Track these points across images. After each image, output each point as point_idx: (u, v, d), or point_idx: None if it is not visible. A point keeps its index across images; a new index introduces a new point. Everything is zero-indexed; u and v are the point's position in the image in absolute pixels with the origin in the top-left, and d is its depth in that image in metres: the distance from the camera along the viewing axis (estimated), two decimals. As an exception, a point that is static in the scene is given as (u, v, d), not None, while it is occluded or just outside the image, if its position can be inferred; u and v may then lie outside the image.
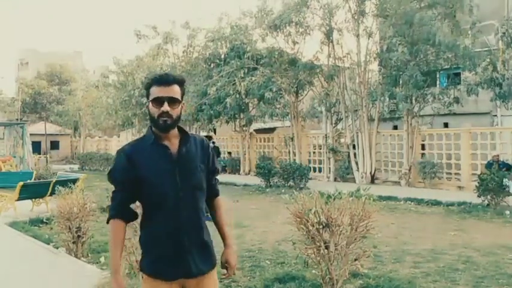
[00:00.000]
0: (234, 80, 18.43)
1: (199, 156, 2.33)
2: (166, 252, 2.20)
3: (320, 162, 19.76)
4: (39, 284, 5.27)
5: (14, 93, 46.54)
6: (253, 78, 17.87)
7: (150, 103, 2.24)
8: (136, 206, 2.37)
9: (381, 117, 17.64)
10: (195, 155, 2.31)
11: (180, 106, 2.27)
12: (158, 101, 2.21)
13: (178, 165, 2.22)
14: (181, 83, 2.31)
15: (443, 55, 15.53)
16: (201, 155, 2.34)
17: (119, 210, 2.28)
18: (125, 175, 2.24)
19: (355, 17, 17.06)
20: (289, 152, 20.67)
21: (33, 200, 10.82)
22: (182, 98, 2.31)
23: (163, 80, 2.25)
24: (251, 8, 24.40)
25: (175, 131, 2.30)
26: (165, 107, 2.19)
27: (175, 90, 2.25)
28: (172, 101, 2.22)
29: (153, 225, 2.24)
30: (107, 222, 2.29)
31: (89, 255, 6.41)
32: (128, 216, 2.31)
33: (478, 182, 11.17)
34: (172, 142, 2.27)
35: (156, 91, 2.23)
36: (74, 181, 9.47)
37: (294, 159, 19.30)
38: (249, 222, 9.05)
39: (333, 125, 19.24)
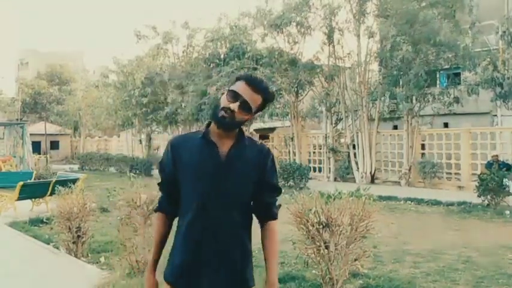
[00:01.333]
0: (234, 80, 18.43)
1: (252, 163, 2.06)
2: (185, 261, 2.01)
3: (320, 162, 19.76)
4: (39, 284, 5.27)
5: (14, 93, 46.58)
6: (253, 78, 17.85)
7: (226, 92, 2.03)
8: None
9: (381, 117, 17.65)
10: (246, 161, 2.04)
11: (248, 115, 2.04)
12: (233, 96, 1.99)
13: (222, 167, 2.00)
14: (268, 98, 2.08)
15: (444, 55, 15.54)
16: (255, 163, 2.07)
17: (163, 204, 2.16)
18: (169, 167, 2.09)
19: (356, 17, 17.07)
20: (289, 152, 20.67)
21: (33, 200, 10.81)
22: (256, 112, 2.07)
23: (255, 83, 2.02)
24: (250, 8, 24.41)
25: (233, 133, 2.06)
26: (235, 105, 1.98)
27: (255, 99, 2.02)
28: (245, 106, 1.99)
29: (181, 227, 2.05)
30: (154, 211, 2.20)
31: (89, 255, 6.40)
32: (172, 212, 2.14)
33: (478, 182, 11.18)
34: (225, 142, 2.04)
35: (240, 86, 2.01)
36: (74, 181, 9.45)
37: (294, 159, 19.30)
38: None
39: (333, 125, 19.25)
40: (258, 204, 2.11)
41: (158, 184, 2.19)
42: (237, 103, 1.98)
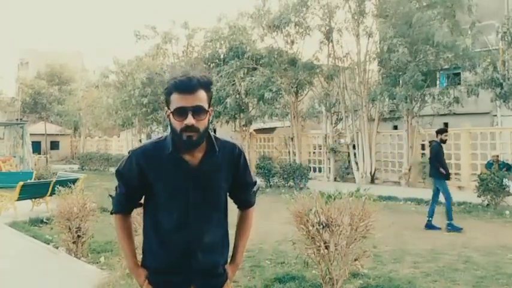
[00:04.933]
0: (234, 80, 18.44)
1: (224, 171, 2.01)
2: (169, 275, 1.99)
3: (320, 162, 19.76)
4: (39, 284, 5.27)
5: (14, 93, 46.45)
6: (253, 78, 17.87)
7: (171, 114, 1.86)
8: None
9: (380, 117, 17.65)
10: (218, 171, 1.99)
11: (207, 116, 1.88)
12: (181, 112, 1.83)
13: (194, 182, 1.94)
14: (207, 86, 1.89)
15: (443, 55, 15.52)
16: (227, 170, 2.02)
17: (122, 207, 2.10)
18: (130, 181, 2.02)
19: (355, 17, 17.07)
20: (289, 152, 20.67)
21: (33, 200, 10.82)
22: (210, 104, 1.90)
23: (185, 86, 1.83)
24: (249, 7, 24.40)
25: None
26: (189, 119, 1.82)
27: (200, 97, 1.85)
28: (198, 111, 1.84)
29: (157, 241, 2.01)
30: (110, 213, 2.15)
31: (89, 255, 6.40)
32: (130, 210, 2.13)
33: (478, 182, 11.18)
34: (195, 155, 1.94)
35: (177, 100, 1.84)
36: (74, 181, 9.47)
37: (294, 159, 19.30)
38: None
39: (333, 125, 19.25)
40: (237, 200, 2.16)
41: (116, 188, 2.10)
42: (189, 115, 1.83)
